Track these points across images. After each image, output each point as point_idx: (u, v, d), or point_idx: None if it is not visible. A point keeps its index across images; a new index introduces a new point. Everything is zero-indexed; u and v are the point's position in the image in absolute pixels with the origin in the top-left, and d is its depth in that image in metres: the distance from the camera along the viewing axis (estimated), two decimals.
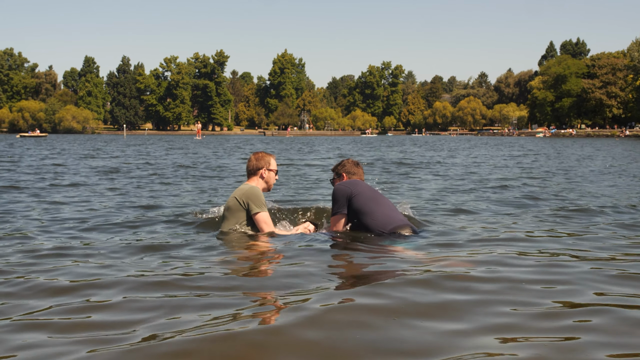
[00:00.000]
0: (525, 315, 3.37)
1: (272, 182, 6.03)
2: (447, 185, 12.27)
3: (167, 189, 11.15)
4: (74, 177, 13.79)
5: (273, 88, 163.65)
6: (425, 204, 8.72)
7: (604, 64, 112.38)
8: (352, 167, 6.24)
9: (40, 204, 8.66)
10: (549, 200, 9.26)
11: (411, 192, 10.80)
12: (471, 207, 8.42)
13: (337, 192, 5.90)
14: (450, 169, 17.71)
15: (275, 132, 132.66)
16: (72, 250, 5.20)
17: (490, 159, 23.98)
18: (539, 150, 34.87)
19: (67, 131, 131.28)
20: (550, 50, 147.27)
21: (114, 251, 5.17)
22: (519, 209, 8.25)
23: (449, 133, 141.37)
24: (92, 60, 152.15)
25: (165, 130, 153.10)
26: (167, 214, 7.48)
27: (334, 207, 5.90)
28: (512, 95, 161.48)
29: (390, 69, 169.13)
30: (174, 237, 5.88)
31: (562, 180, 13.43)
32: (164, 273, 4.35)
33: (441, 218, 7.25)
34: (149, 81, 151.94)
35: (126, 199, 9.47)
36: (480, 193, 10.58)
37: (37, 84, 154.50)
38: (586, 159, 24.13)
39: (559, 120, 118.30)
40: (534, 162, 21.53)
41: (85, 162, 20.09)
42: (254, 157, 6.00)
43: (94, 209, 8.12)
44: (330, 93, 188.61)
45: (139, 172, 15.71)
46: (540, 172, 16.42)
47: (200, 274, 4.30)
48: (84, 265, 4.63)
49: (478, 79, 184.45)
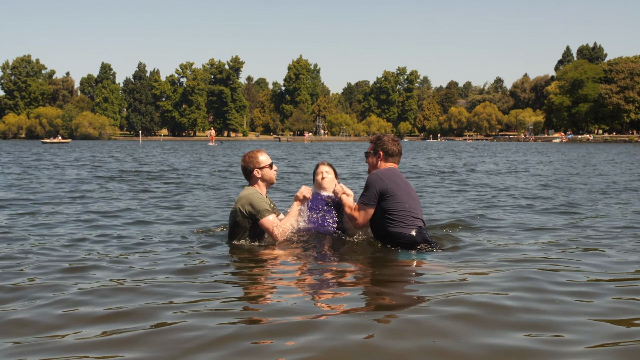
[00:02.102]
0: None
1: (269, 177, 5.85)
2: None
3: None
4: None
5: (288, 94, 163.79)
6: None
7: (622, 68, 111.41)
8: (391, 146, 5.83)
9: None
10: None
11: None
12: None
13: (373, 182, 5.56)
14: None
15: (290, 138, 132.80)
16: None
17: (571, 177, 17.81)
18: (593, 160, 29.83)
19: (83, 137, 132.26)
20: (567, 55, 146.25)
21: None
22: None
23: (464, 139, 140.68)
24: (109, 66, 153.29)
25: (181, 136, 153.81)
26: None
27: (365, 195, 5.59)
28: (528, 101, 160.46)
29: (405, 74, 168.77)
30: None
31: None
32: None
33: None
34: (164, 87, 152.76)
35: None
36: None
37: (54, 91, 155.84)
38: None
39: (575, 125, 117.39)
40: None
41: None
42: (243, 160, 5.87)
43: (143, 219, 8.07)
44: (345, 99, 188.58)
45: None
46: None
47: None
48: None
49: (494, 84, 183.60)
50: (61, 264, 5.09)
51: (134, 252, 5.64)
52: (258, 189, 5.82)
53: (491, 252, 5.65)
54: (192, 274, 4.73)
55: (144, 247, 5.91)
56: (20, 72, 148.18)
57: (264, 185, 5.88)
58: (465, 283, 4.40)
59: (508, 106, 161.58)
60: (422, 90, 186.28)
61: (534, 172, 19.80)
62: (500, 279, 4.48)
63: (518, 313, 3.70)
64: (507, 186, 13.84)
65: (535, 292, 4.15)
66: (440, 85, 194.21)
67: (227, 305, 3.89)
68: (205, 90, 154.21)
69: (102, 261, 5.20)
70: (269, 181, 5.87)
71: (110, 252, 5.64)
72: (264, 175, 5.82)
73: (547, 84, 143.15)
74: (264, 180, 5.85)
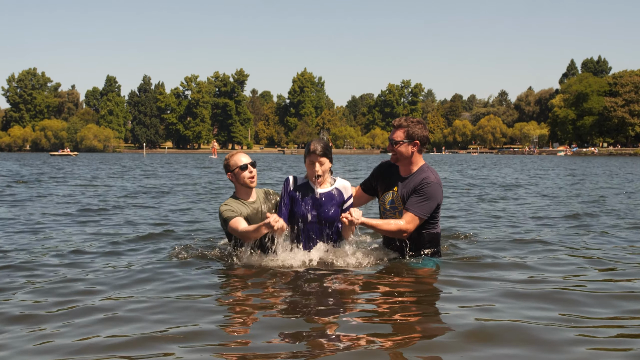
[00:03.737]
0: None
1: (243, 180, 5.43)
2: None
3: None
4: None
5: (292, 107, 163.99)
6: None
7: (627, 82, 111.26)
8: (426, 132, 5.30)
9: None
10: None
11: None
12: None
13: (437, 194, 5.17)
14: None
15: (294, 151, 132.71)
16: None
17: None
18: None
19: (88, 150, 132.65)
20: (571, 69, 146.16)
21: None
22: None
23: (469, 151, 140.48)
24: (114, 79, 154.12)
25: (185, 148, 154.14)
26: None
27: (424, 205, 5.11)
28: (533, 114, 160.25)
29: (409, 87, 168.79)
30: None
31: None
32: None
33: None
34: (169, 100, 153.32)
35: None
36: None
37: (59, 103, 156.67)
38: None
39: (580, 138, 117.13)
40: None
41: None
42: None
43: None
44: (349, 111, 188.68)
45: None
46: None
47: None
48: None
49: (498, 97, 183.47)
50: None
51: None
52: (238, 197, 5.54)
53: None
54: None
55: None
56: (26, 85, 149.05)
57: (243, 191, 5.54)
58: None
59: (512, 119, 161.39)
60: (427, 103, 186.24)
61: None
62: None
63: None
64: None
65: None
66: (444, 98, 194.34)
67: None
68: (210, 103, 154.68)
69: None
70: (243, 184, 5.46)
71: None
72: (237, 178, 5.47)
73: (552, 97, 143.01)
74: (238, 184, 5.52)
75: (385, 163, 5.60)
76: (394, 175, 5.44)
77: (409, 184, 5.26)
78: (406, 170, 5.35)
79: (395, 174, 5.43)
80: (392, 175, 5.45)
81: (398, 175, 5.40)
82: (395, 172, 5.44)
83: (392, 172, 5.47)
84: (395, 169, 5.47)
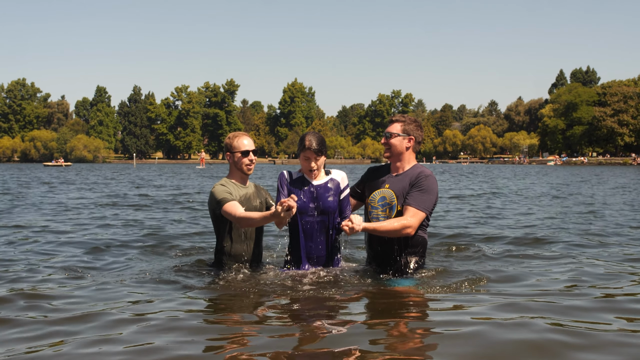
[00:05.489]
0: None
1: (241, 165, 5.29)
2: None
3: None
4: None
5: (283, 117, 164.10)
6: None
7: (615, 91, 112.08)
8: (421, 132, 5.26)
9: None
10: None
11: None
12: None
13: (435, 187, 5.08)
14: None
15: (285, 161, 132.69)
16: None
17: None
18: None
19: (78, 160, 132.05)
20: (561, 79, 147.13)
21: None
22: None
23: (459, 161, 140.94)
24: (104, 90, 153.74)
25: (176, 159, 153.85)
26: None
27: (426, 200, 5.00)
28: (523, 124, 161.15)
29: (400, 97, 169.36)
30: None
31: None
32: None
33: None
34: (159, 110, 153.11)
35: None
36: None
37: (49, 114, 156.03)
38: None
39: (570, 148, 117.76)
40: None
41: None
42: (226, 138, 5.41)
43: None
44: (340, 121, 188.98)
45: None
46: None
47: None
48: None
49: (488, 107, 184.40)
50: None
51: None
52: (232, 179, 5.36)
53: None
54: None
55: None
56: (15, 95, 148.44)
57: (238, 175, 5.39)
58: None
59: (502, 129, 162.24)
60: (417, 113, 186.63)
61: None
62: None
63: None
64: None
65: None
66: (434, 108, 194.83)
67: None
68: (201, 113, 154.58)
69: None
70: (240, 169, 5.33)
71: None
72: (235, 161, 5.31)
73: (542, 107, 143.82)
74: (235, 168, 5.36)
75: (373, 167, 5.50)
76: (383, 175, 5.32)
77: (403, 180, 5.14)
78: (399, 167, 5.24)
79: (386, 173, 5.33)
80: (382, 175, 5.33)
81: (389, 174, 5.29)
82: (386, 172, 5.34)
83: (382, 172, 5.37)
84: (385, 170, 5.37)
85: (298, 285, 5.01)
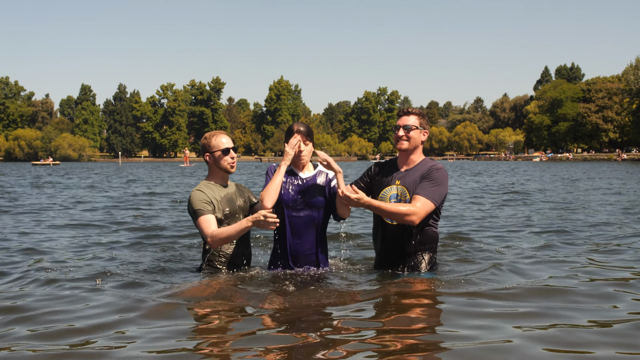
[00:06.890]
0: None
1: (224, 164, 5.11)
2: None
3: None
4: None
5: (269, 114, 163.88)
6: None
7: (600, 88, 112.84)
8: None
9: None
10: None
11: None
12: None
13: (446, 179, 5.02)
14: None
15: (271, 159, 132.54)
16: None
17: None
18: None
19: (63, 159, 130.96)
20: (545, 75, 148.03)
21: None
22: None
23: (445, 158, 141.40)
24: (89, 88, 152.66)
25: (162, 157, 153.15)
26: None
27: (436, 190, 4.92)
28: (508, 120, 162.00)
29: (386, 94, 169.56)
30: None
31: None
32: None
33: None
34: (145, 108, 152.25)
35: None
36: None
37: (33, 113, 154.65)
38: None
39: (555, 144, 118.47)
40: None
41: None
42: (202, 139, 5.21)
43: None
44: (326, 119, 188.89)
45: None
46: None
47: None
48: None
49: (474, 104, 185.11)
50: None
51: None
52: (212, 181, 5.17)
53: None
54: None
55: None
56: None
57: (219, 175, 5.19)
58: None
59: (488, 126, 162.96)
60: None
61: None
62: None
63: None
64: None
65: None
66: (421, 105, 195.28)
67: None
68: (186, 111, 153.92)
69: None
70: (222, 169, 5.13)
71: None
72: (215, 161, 5.12)
73: (527, 103, 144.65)
74: (215, 167, 5.16)
75: (379, 162, 5.42)
76: (392, 171, 5.22)
77: (414, 174, 5.07)
78: (409, 162, 5.17)
79: (393, 169, 5.23)
80: (390, 171, 5.23)
81: (397, 170, 5.20)
82: (394, 168, 5.24)
83: (390, 168, 5.26)
84: (391, 166, 5.28)
85: (284, 286, 4.91)
